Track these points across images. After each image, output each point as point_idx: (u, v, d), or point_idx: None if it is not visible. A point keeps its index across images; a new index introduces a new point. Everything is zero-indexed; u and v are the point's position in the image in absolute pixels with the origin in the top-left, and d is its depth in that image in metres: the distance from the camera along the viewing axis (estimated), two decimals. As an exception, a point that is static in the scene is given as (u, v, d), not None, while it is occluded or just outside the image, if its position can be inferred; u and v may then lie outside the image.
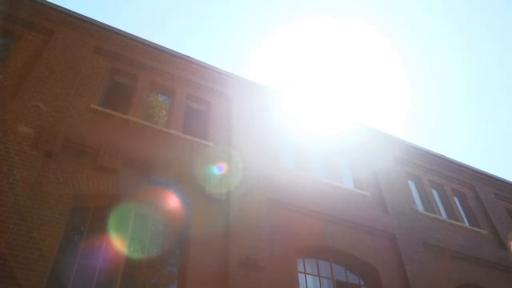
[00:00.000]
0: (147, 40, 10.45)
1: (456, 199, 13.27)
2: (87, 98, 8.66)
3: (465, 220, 12.65)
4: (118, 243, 7.15)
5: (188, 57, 10.78)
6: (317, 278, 8.70)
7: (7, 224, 6.07)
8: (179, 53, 10.68)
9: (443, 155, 13.85)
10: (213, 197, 8.16)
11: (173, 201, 7.85)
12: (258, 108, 10.92)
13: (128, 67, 9.97)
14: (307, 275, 8.57)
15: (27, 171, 6.75)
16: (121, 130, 8.46)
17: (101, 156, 7.58)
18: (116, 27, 10.51)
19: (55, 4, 9.77)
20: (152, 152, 8.25)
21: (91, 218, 7.23)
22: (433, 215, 11.71)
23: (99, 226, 7.22)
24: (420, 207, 12.02)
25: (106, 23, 10.18)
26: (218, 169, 7.35)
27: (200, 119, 10.24)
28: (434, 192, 12.97)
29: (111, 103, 9.14)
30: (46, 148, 7.15)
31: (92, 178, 7.41)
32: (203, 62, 10.92)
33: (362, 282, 9.25)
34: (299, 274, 8.31)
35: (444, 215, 12.28)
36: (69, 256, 6.63)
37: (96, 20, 10.07)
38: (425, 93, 49.26)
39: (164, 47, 10.58)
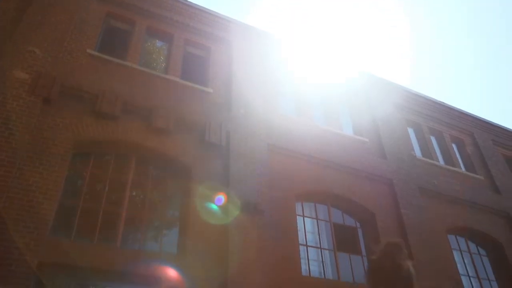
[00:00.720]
0: (142, -18, 10.04)
1: (454, 146, 13.36)
2: (83, 43, 8.48)
3: (462, 166, 12.81)
4: (120, 188, 7.29)
5: (186, 0, 10.43)
6: (315, 220, 8.95)
7: (9, 169, 6.14)
8: (176, -4, 10.31)
9: (443, 102, 13.79)
10: (213, 142, 8.20)
11: (173, 146, 7.90)
12: (259, 54, 10.71)
13: (124, 11, 9.67)
14: (305, 218, 8.81)
15: (26, 117, 6.73)
16: (118, 76, 8.35)
17: (100, 102, 7.53)
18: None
19: None
20: (151, 98, 8.19)
21: (92, 164, 7.31)
22: (431, 161, 11.84)
23: (101, 171, 7.32)
24: (418, 153, 12.13)
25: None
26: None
27: (199, 65, 10.08)
28: (433, 139, 13.04)
29: (107, 48, 8.95)
30: (43, 93, 7.09)
31: (92, 124, 7.41)
32: (202, 7, 10.59)
33: (358, 225, 9.52)
34: (297, 217, 8.52)
35: (441, 161, 12.42)
36: (73, 200, 6.77)
37: (88, -39, 9.62)
38: (426, 40, 48.19)
39: (160, -10, 10.19)
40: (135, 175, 7.56)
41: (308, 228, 8.72)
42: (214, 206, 7.17)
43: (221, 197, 7.25)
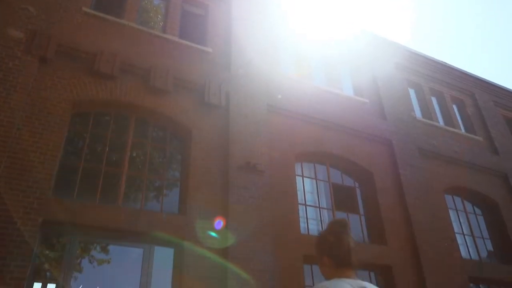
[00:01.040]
0: None
1: (454, 107, 13.30)
2: (78, 1, 8.24)
3: (462, 127, 12.81)
4: (120, 148, 7.31)
5: (183, -45, 10.04)
6: (314, 180, 9.04)
7: (9, 130, 6.13)
8: (172, -50, 9.92)
9: (445, 62, 13.60)
10: (212, 103, 8.15)
11: (172, 107, 7.86)
12: (259, 12, 10.44)
13: (119, -34, 9.33)
14: (304, 178, 8.89)
15: (23, 77, 6.64)
16: (116, 35, 8.18)
17: (98, 62, 7.40)
18: None
19: None
20: (149, 57, 8.06)
21: (92, 124, 7.29)
22: (431, 122, 11.82)
23: (100, 132, 7.32)
24: (418, 114, 12.09)
25: None
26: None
27: (198, 24, 9.85)
28: (434, 100, 12.96)
29: (103, 6, 8.71)
30: (40, 53, 6.96)
31: (90, 84, 7.32)
32: (198, -39, 10.20)
33: (357, 185, 9.62)
34: (297, 177, 8.60)
35: (441, 122, 12.40)
36: (73, 161, 6.81)
37: None
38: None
39: None
40: (135, 136, 7.57)
41: (307, 188, 8.82)
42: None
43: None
